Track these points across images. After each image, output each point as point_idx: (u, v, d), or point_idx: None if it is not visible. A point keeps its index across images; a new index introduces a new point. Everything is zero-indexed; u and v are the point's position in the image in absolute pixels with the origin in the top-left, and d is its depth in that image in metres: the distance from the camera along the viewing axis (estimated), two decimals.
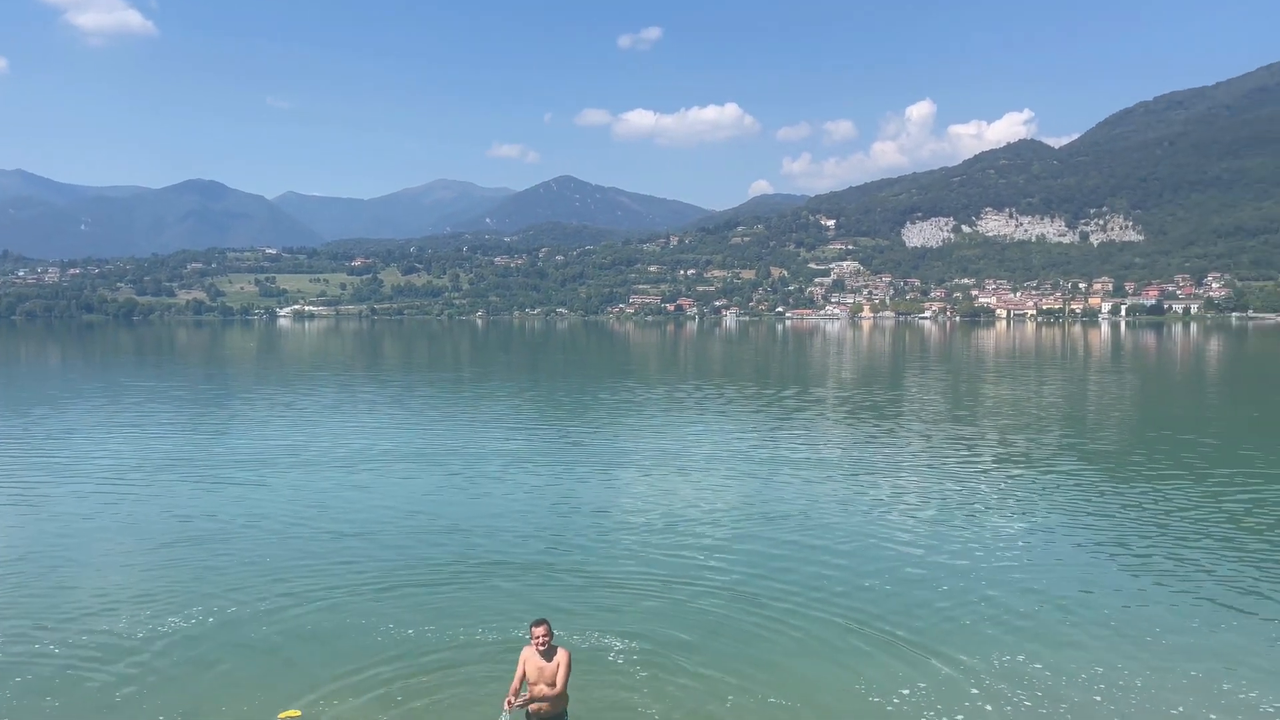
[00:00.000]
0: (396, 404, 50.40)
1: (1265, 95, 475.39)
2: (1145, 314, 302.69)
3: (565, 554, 19.15)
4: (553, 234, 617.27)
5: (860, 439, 36.30)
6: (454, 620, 15.09)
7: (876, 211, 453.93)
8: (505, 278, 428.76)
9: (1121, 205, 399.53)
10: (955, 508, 23.49)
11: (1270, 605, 15.79)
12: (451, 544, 19.91)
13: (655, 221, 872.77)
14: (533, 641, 10.18)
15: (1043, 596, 16.24)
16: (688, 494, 25.13)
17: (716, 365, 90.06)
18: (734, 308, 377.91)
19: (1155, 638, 14.23)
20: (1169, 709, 11.81)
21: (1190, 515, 22.35)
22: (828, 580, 17.19)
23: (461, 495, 25.09)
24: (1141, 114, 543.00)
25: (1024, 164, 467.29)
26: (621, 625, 14.82)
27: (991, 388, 62.56)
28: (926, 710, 11.83)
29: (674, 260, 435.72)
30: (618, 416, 43.72)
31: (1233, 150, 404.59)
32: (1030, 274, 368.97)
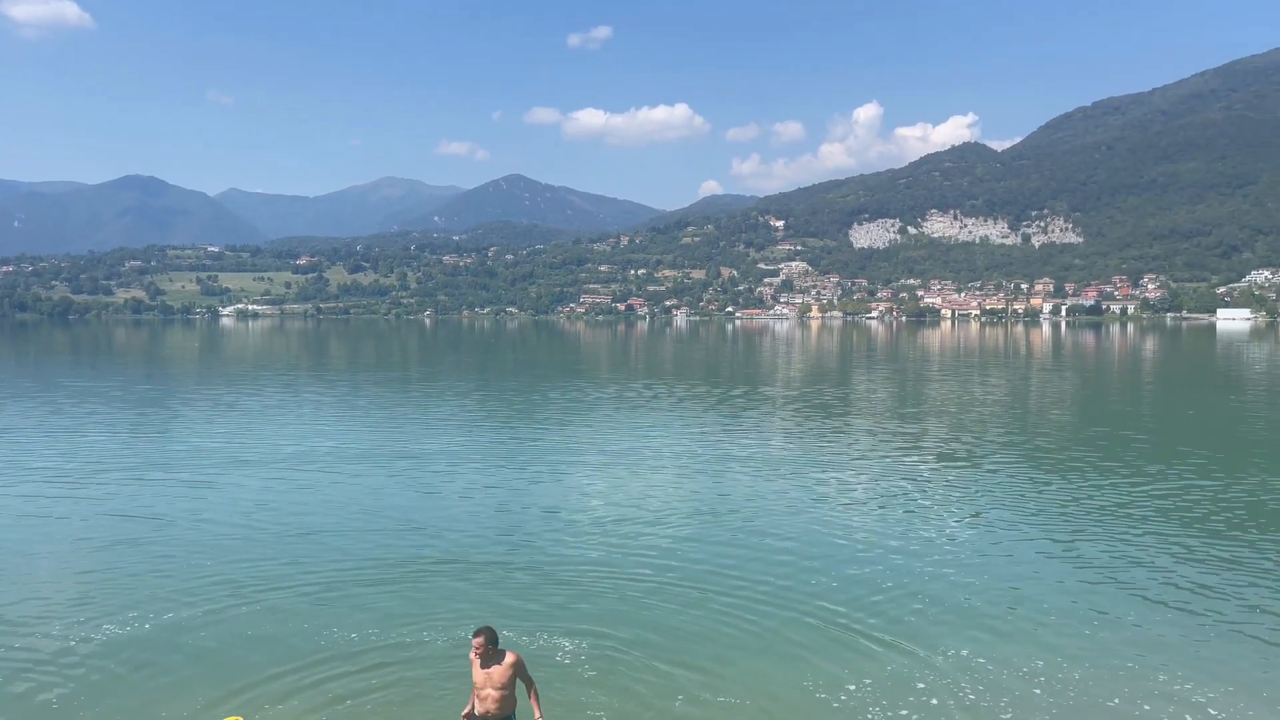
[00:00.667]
0: (343, 404, 49.69)
1: (1199, 102, 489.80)
2: (1085, 314, 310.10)
3: (515, 553, 19.01)
4: (502, 233, 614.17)
5: (809, 436, 36.61)
6: (402, 621, 14.89)
7: (824, 212, 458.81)
8: (454, 277, 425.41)
9: (1061, 208, 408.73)
10: (901, 504, 23.80)
11: (1203, 598, 16.21)
12: (399, 544, 19.65)
13: (606, 221, 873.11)
14: (474, 649, 10.11)
15: (987, 590, 16.50)
16: (638, 492, 25.12)
17: (667, 365, 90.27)
18: (684, 307, 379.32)
19: (1094, 630, 14.53)
20: (1105, 700, 12.06)
21: (1128, 510, 22.89)
22: (776, 577, 17.29)
23: (409, 495, 24.78)
24: (1080, 119, 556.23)
25: (968, 167, 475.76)
26: (571, 624, 14.75)
27: (936, 386, 63.57)
28: (873, 705, 11.94)
29: (625, 260, 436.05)
30: (568, 416, 43.58)
31: (1168, 155, 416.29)
32: (974, 275, 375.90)
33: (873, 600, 15.96)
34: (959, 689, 12.38)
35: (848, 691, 12.32)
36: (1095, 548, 19.45)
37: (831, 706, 11.97)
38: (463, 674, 11.75)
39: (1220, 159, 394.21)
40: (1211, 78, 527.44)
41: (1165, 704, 11.94)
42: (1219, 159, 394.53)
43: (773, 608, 15.58)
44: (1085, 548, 19.48)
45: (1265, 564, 18.12)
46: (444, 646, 13.77)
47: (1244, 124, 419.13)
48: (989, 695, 12.18)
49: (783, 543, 19.78)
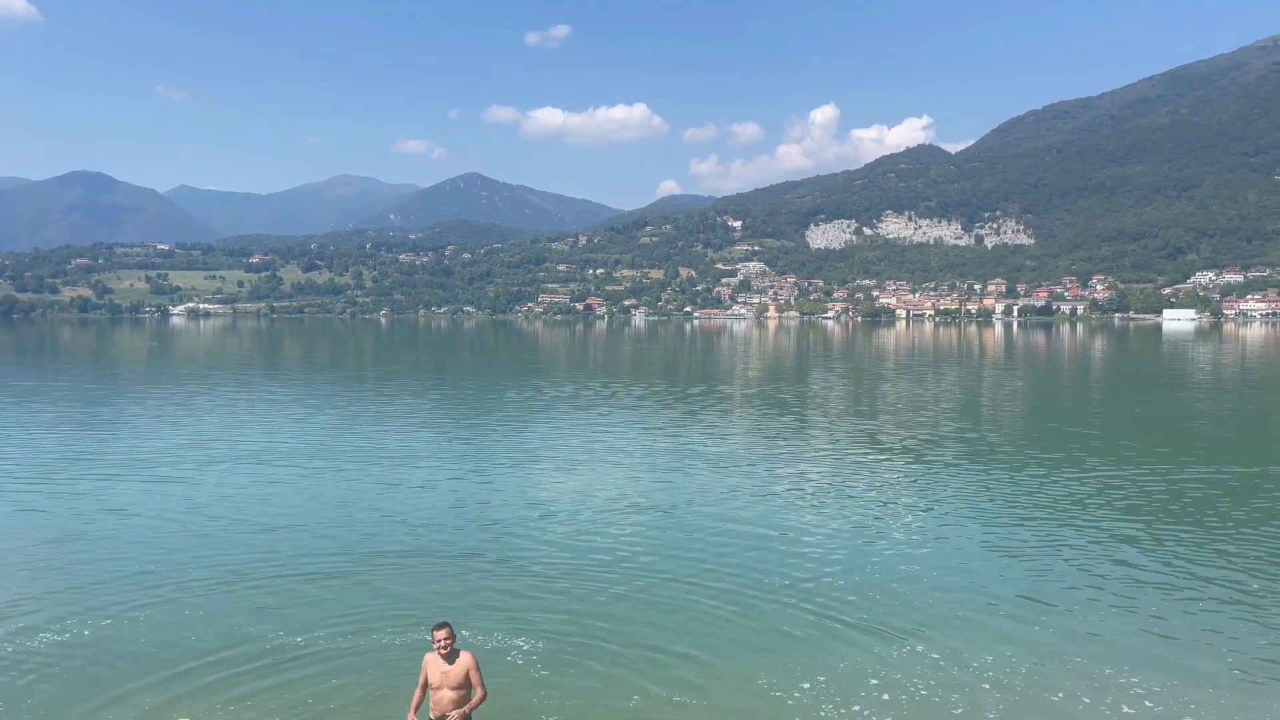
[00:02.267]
0: (296, 403, 48.96)
1: (1145, 106, 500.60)
2: (1036, 314, 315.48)
3: (469, 552, 18.87)
4: (460, 232, 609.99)
5: (765, 436, 36.80)
6: (354, 621, 14.71)
7: (781, 213, 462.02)
8: (410, 276, 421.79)
9: (1013, 210, 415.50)
10: (856, 501, 24.00)
11: (1150, 593, 16.55)
12: (352, 544, 19.40)
13: (564, 220, 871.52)
14: (434, 646, 10.00)
15: (939, 586, 16.70)
16: (594, 491, 25.06)
17: (626, 364, 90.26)
18: (643, 307, 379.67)
19: (1043, 624, 14.77)
20: (1050, 695, 12.26)
21: (1077, 506, 23.31)
22: (729, 577, 17.33)
23: (362, 494, 24.45)
24: (1032, 122, 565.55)
25: (922, 168, 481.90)
26: (525, 624, 14.68)
27: (891, 386, 64.27)
28: (826, 702, 12.03)
29: (583, 259, 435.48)
30: (526, 415, 43.39)
31: (1115, 158, 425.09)
32: (928, 275, 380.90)
33: (827, 597, 16.07)
34: (911, 684, 12.51)
35: (801, 689, 12.40)
36: (1045, 543, 19.78)
37: (786, 704, 12.03)
38: (412, 676, 11.63)
39: (1166, 162, 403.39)
40: (1158, 83, 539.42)
41: (1109, 696, 12.17)
42: (1165, 162, 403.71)
43: (726, 606, 15.63)
44: (1035, 543, 19.80)
45: (1210, 558, 18.54)
46: (399, 649, 13.62)
47: (1189, 128, 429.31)
48: (940, 690, 12.33)
49: (736, 542, 19.85)
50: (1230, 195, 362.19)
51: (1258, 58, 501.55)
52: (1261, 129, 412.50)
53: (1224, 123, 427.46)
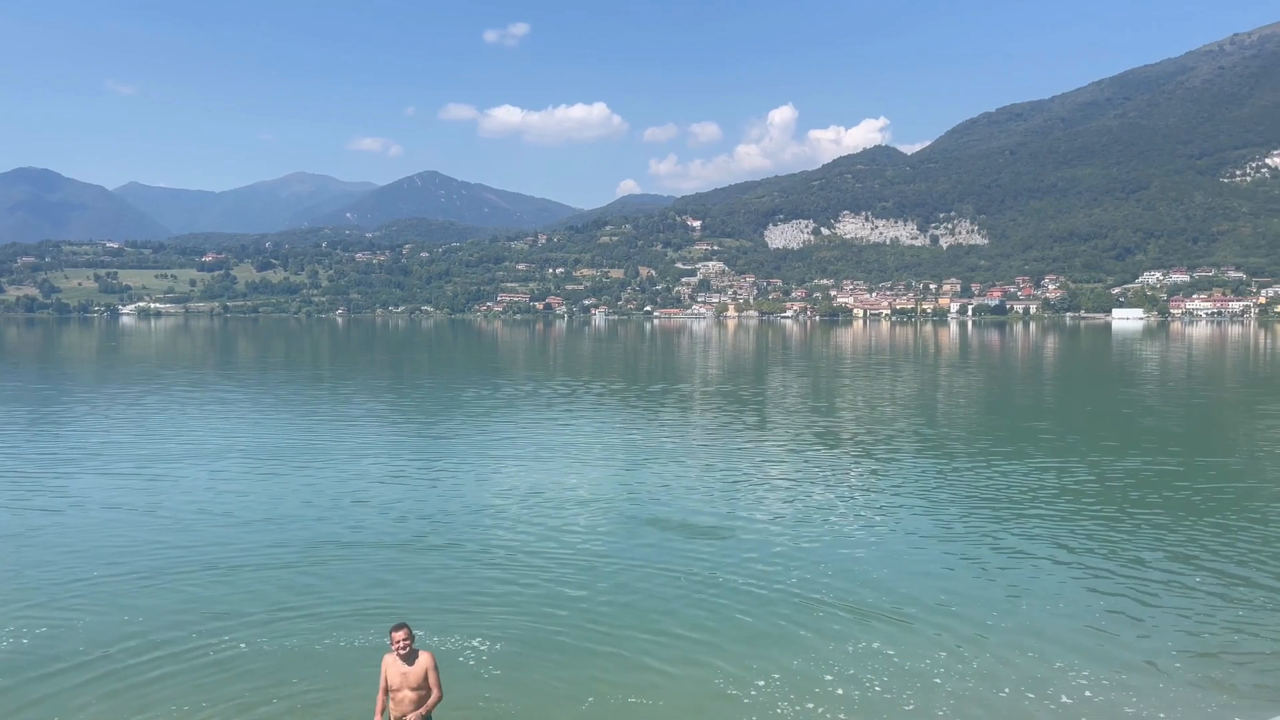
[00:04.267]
0: (250, 402, 48.14)
1: (1095, 109, 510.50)
2: (990, 314, 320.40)
3: (425, 551, 18.69)
4: (417, 230, 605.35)
5: (723, 434, 36.91)
6: (308, 625, 14.47)
7: (740, 213, 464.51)
8: (367, 275, 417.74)
9: (968, 210, 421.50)
10: (809, 500, 24.15)
11: (1099, 587, 16.83)
12: (306, 543, 19.09)
13: (523, 219, 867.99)
14: (393, 647, 9.91)
15: (893, 581, 16.83)
16: (552, 489, 24.94)
17: (586, 363, 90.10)
18: (603, 306, 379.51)
19: (995, 621, 14.96)
20: (998, 690, 12.41)
21: (1031, 502, 23.66)
22: (685, 576, 17.33)
23: (316, 493, 24.06)
24: (985, 124, 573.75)
25: (879, 169, 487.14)
26: (481, 623, 14.56)
27: (849, 383, 64.85)
28: (781, 700, 12.07)
29: (542, 259, 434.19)
30: (484, 413, 43.10)
31: (1066, 160, 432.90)
32: (885, 275, 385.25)
33: (780, 595, 16.14)
34: (864, 680, 12.61)
35: (756, 687, 12.43)
36: (998, 538, 20.04)
37: (742, 703, 12.05)
38: (370, 677, 11.49)
39: (1115, 165, 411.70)
40: (1107, 86, 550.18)
41: (1056, 690, 12.34)
42: (1114, 165, 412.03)
43: (682, 605, 15.62)
44: (988, 539, 20.06)
45: (1157, 551, 18.90)
46: (354, 652, 13.43)
47: (1137, 131, 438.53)
48: (893, 686, 12.43)
49: (693, 541, 19.86)
50: (1177, 197, 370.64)
51: (1203, 62, 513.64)
52: (1206, 132, 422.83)
53: (1171, 126, 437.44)
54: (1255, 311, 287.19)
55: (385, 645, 12.57)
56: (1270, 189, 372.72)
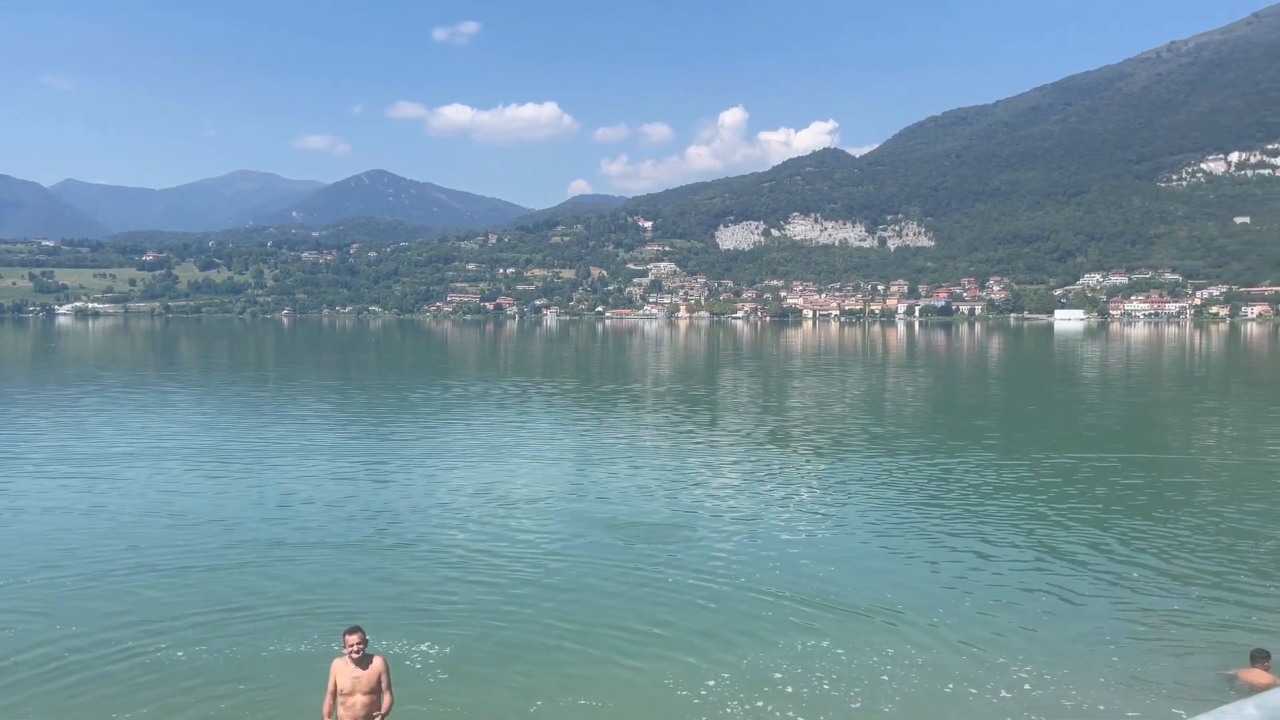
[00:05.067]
0: (193, 403, 47.08)
1: (1037, 114, 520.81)
2: (936, 315, 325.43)
3: (373, 555, 18.43)
4: (365, 229, 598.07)
5: (674, 434, 36.96)
6: (254, 627, 14.19)
7: (692, 214, 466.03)
8: (314, 274, 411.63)
9: (915, 213, 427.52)
10: (759, 498, 24.28)
11: (1040, 581, 17.14)
12: (251, 547, 18.71)
13: (473, 219, 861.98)
14: (346, 650, 9.76)
15: (842, 579, 16.98)
16: (501, 491, 24.76)
17: (537, 363, 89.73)
18: (554, 307, 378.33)
19: (941, 617, 15.16)
20: (942, 686, 12.57)
21: (975, 498, 24.04)
22: (634, 576, 17.31)
23: (262, 495, 23.59)
24: (932, 128, 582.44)
25: (828, 171, 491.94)
26: (430, 627, 14.39)
27: (799, 383, 65.43)
28: (731, 698, 12.11)
29: (493, 259, 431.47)
30: (434, 414, 42.69)
31: (1010, 164, 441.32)
32: (834, 276, 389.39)
33: (731, 593, 16.19)
34: (813, 678, 12.70)
35: (707, 686, 12.46)
36: (943, 536, 20.33)
37: (692, 703, 12.06)
38: (318, 681, 11.30)
39: (1057, 169, 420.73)
40: (1049, 92, 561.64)
41: (997, 685, 12.54)
42: (1056, 169, 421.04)
43: (632, 605, 15.60)
44: (934, 536, 20.33)
45: (1100, 549, 19.31)
46: (301, 657, 13.20)
47: (1078, 136, 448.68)
48: (841, 684, 12.53)
49: (642, 542, 19.85)
50: (1116, 201, 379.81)
51: (1141, 69, 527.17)
52: (1144, 138, 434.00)
53: (1110, 131, 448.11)
54: (1190, 313, 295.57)
55: (333, 649, 12.42)
56: (1205, 193, 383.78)
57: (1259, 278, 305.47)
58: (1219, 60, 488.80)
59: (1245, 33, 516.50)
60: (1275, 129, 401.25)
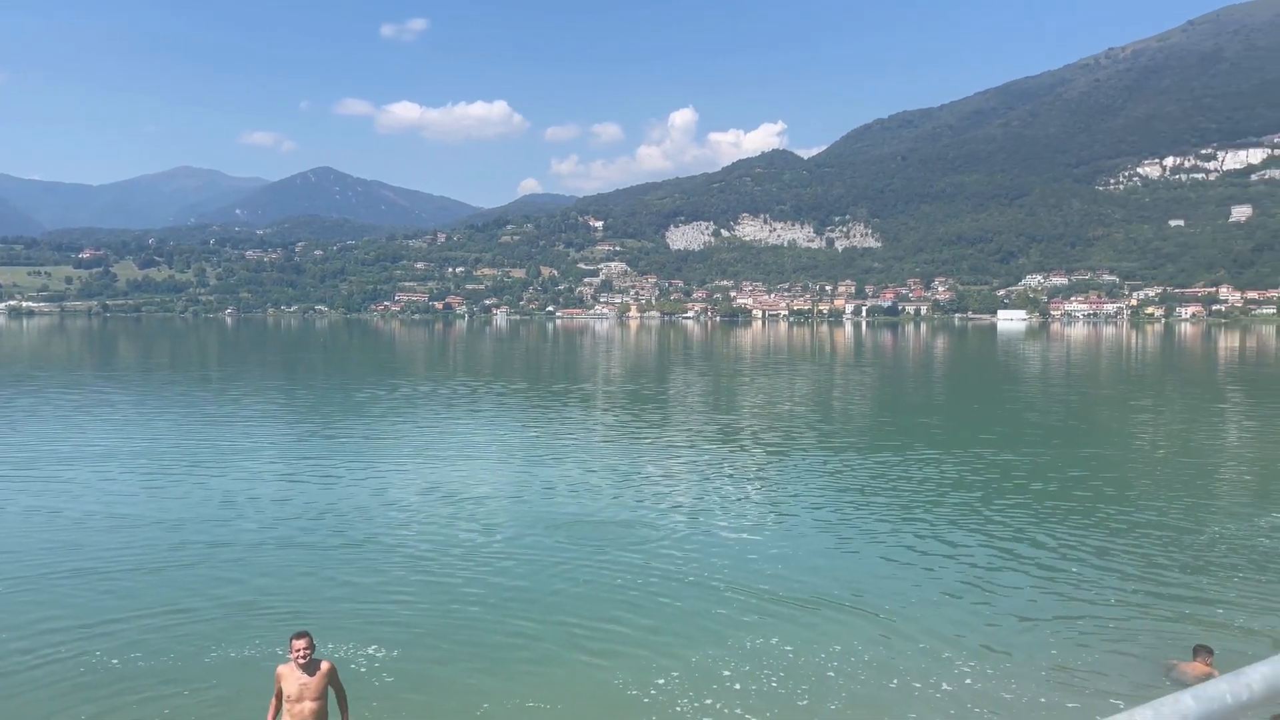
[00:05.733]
0: (133, 404, 45.87)
1: (980, 118, 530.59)
2: (883, 315, 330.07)
3: (319, 557, 18.09)
4: (311, 227, 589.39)
5: (625, 433, 36.95)
6: (195, 631, 13.86)
7: (642, 214, 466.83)
8: (258, 273, 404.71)
9: (862, 214, 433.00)
10: (709, 497, 24.34)
11: (986, 577, 17.43)
12: (193, 550, 18.27)
13: (421, 218, 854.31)
14: (292, 655, 9.59)
15: (791, 577, 17.08)
16: (450, 491, 24.51)
17: (487, 363, 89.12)
18: (504, 306, 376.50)
19: (887, 614, 15.34)
20: (887, 682, 12.71)
21: (921, 495, 24.37)
22: (585, 575, 17.26)
23: (204, 498, 23.01)
24: (878, 130, 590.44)
25: (777, 173, 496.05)
26: (376, 632, 14.15)
27: (748, 382, 65.87)
28: (681, 697, 12.13)
29: (442, 258, 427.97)
30: (381, 414, 42.14)
31: (954, 167, 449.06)
32: (783, 277, 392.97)
33: (680, 592, 16.21)
34: (761, 675, 12.77)
35: (657, 685, 12.46)
36: (889, 533, 20.59)
37: (642, 702, 12.06)
38: (263, 688, 11.11)
39: (1000, 171, 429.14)
40: (992, 96, 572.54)
41: (939, 679, 12.71)
42: (998, 171, 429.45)
43: (580, 605, 15.54)
44: (880, 533, 20.57)
45: (1042, 544, 19.67)
46: (244, 665, 12.93)
47: (1020, 140, 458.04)
48: (789, 681, 12.63)
49: (591, 540, 19.80)
50: (1056, 204, 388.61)
51: (1080, 75, 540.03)
52: (1083, 142, 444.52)
53: (1050, 135, 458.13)
54: (1127, 313, 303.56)
55: (279, 653, 12.21)
56: (1141, 197, 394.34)
57: (1192, 279, 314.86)
58: (1155, 67, 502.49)
59: (1180, 40, 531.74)
60: (1209, 134, 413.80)
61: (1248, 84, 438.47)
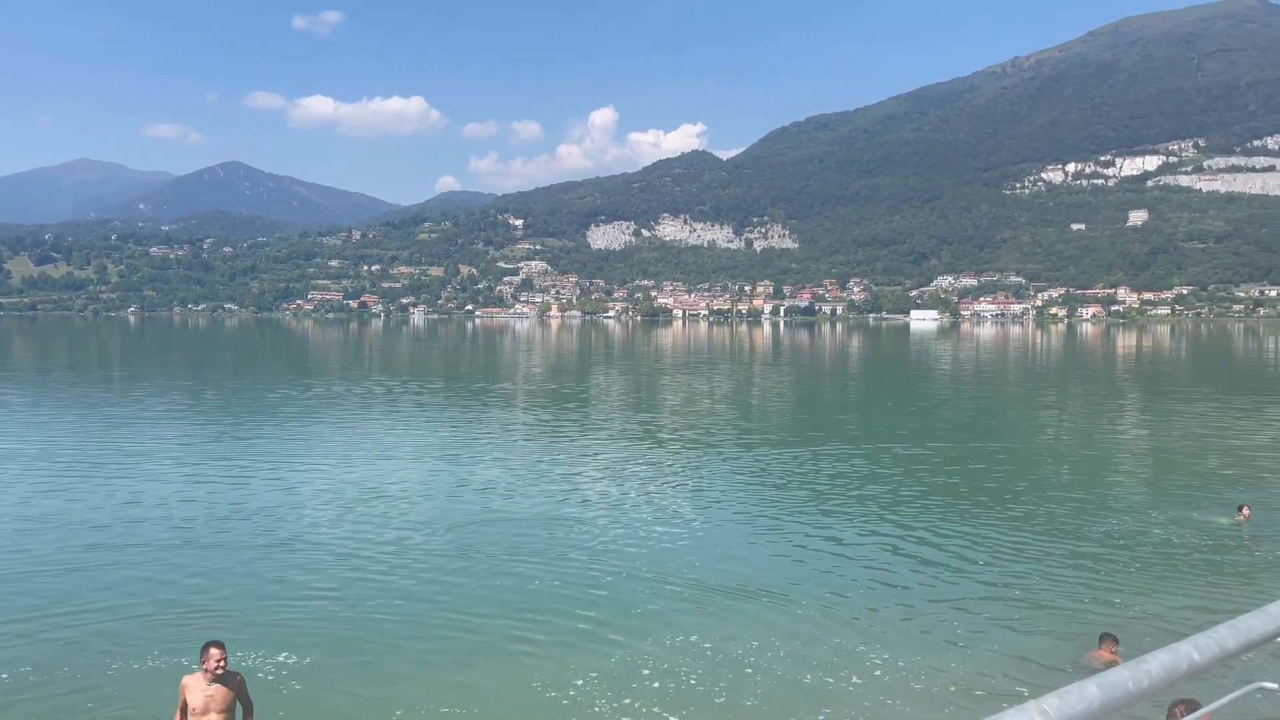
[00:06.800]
0: (29, 406, 43.78)
1: (894, 122, 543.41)
2: (800, 314, 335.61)
3: (225, 563, 17.46)
4: (219, 223, 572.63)
5: (543, 433, 36.73)
6: (96, 646, 13.20)
7: (563, 213, 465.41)
8: (163, 270, 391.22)
9: (779, 215, 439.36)
10: (627, 496, 24.30)
11: (899, 571, 17.78)
12: (92, 554, 17.45)
13: (335, 214, 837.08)
14: (205, 666, 9.23)
15: (710, 576, 17.11)
16: (366, 493, 23.96)
17: (404, 363, 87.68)
18: (422, 305, 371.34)
19: (804, 609, 15.50)
20: (802, 676, 12.83)
21: (838, 491, 24.75)
22: (503, 578, 17.05)
23: (105, 501, 22.02)
24: (796, 133, 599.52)
25: (697, 174, 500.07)
26: (286, 639, 13.71)
27: (669, 381, 66.19)
28: (599, 697, 12.06)
29: (357, 255, 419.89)
30: (294, 415, 41.02)
31: (869, 169, 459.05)
32: (703, 277, 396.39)
33: (598, 593, 16.14)
34: (680, 673, 12.78)
35: (575, 687, 12.37)
36: (806, 527, 20.83)
37: (560, 704, 11.95)
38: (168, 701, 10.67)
39: (912, 175, 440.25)
40: (905, 101, 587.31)
41: (850, 671, 12.88)
42: (911, 175, 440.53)
43: (498, 608, 15.34)
44: (798, 528, 20.81)
45: (955, 536, 20.14)
46: (145, 669, 12.41)
47: (931, 144, 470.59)
48: (708, 678, 12.67)
49: (509, 541, 19.57)
50: (966, 206, 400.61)
51: (988, 82, 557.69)
52: (991, 147, 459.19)
53: (960, 140, 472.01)
54: (1033, 313, 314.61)
55: (184, 664, 11.76)
56: (1045, 201, 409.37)
57: (1093, 281, 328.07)
58: (1058, 76, 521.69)
59: (1081, 50, 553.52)
60: (1108, 142, 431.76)
61: (1144, 93, 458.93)
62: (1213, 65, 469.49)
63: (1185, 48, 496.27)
